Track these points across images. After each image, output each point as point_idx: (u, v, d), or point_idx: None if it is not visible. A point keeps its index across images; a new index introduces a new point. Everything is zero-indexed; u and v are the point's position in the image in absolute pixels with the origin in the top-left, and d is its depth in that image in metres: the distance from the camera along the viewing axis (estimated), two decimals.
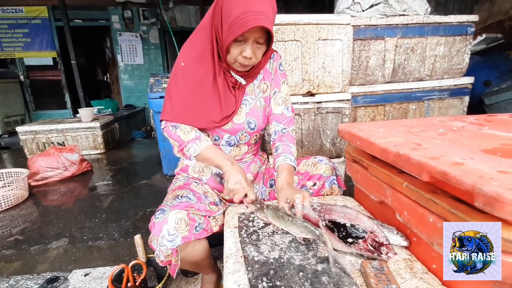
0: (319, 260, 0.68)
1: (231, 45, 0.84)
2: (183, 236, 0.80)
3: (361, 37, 1.67)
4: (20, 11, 5.29)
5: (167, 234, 0.78)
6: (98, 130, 3.49)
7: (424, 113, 1.90)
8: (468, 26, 1.82)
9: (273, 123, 1.05)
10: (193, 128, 0.94)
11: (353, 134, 0.90)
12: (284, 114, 1.04)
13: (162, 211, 0.81)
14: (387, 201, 0.79)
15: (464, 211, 0.54)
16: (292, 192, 0.82)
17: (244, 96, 1.01)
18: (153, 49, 5.90)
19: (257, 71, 1.00)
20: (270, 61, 1.04)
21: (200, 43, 0.92)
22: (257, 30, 0.81)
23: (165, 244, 0.78)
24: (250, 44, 0.84)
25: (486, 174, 0.49)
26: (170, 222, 0.79)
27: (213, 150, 0.92)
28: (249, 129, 1.02)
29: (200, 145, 0.90)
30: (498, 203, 0.43)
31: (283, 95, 1.05)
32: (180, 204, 0.84)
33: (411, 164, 0.62)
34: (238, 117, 1.00)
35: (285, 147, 0.99)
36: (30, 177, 2.49)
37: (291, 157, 0.97)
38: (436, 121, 1.02)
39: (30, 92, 5.80)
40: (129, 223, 1.80)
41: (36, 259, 1.48)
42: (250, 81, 1.01)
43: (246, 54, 0.84)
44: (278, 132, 1.04)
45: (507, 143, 0.70)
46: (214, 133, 1.01)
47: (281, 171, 0.93)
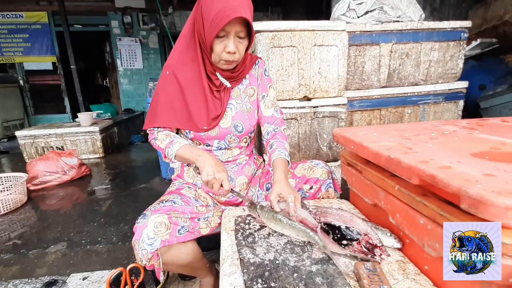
0: (314, 261, 0.69)
1: (214, 42, 0.88)
2: (163, 239, 0.82)
3: (356, 42, 1.70)
4: (20, 16, 5.34)
5: (146, 238, 0.80)
6: (97, 134, 3.50)
7: (419, 117, 1.92)
8: (462, 32, 1.85)
9: (265, 124, 1.11)
10: (168, 135, 0.97)
11: (347, 138, 0.92)
12: (274, 115, 1.11)
13: (143, 216, 0.84)
14: (380, 203, 0.80)
15: (452, 213, 0.55)
16: (287, 190, 0.86)
17: (230, 100, 1.04)
18: (152, 54, 5.95)
19: (242, 75, 1.04)
20: (255, 67, 1.09)
21: (184, 50, 0.98)
22: (237, 23, 0.85)
23: (145, 248, 0.80)
24: (232, 38, 0.87)
25: (472, 177, 0.51)
26: (150, 226, 0.81)
27: (186, 149, 0.93)
28: (236, 132, 1.05)
29: (174, 148, 0.93)
30: (482, 205, 0.45)
31: (271, 98, 1.11)
32: (162, 208, 0.86)
33: (402, 167, 0.64)
34: (224, 121, 1.03)
35: (279, 143, 1.04)
36: (29, 181, 2.49)
37: (285, 152, 1.02)
38: (429, 125, 1.04)
39: (29, 96, 5.82)
40: (128, 227, 1.81)
41: (34, 263, 1.49)
42: (235, 84, 1.04)
43: (230, 49, 0.88)
44: (271, 132, 1.10)
45: (496, 147, 0.72)
46: (204, 141, 1.04)
47: (279, 164, 0.97)
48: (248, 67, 1.05)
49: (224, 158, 1.07)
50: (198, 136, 1.03)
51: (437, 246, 0.59)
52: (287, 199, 0.83)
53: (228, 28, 0.85)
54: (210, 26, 0.84)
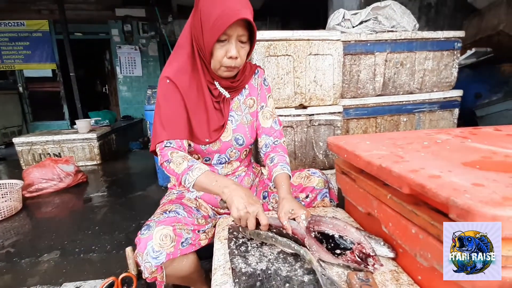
0: (306, 271, 0.69)
1: (215, 47, 0.84)
2: (168, 252, 0.78)
3: (351, 52, 1.73)
4: (22, 24, 5.40)
5: (151, 251, 0.77)
6: (95, 141, 3.50)
7: (415, 125, 1.94)
8: (455, 42, 1.88)
9: (263, 136, 1.06)
10: (185, 158, 0.86)
11: (340, 146, 0.92)
12: (273, 127, 1.06)
13: (147, 227, 0.80)
14: (373, 212, 0.80)
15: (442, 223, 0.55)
16: (298, 206, 0.83)
17: (230, 112, 1.01)
18: (152, 61, 6.01)
19: (242, 85, 1.01)
20: (255, 76, 1.06)
21: (182, 58, 0.92)
22: (240, 27, 0.82)
23: (149, 261, 0.77)
24: (234, 42, 0.84)
25: (461, 186, 0.51)
26: (155, 238, 0.77)
27: (207, 178, 0.83)
28: (237, 145, 1.02)
29: (193, 175, 0.82)
30: (469, 215, 0.45)
31: (270, 109, 1.07)
32: (167, 220, 0.83)
33: (393, 176, 0.64)
34: (225, 135, 0.99)
35: (281, 157, 1.00)
36: (25, 188, 2.48)
37: (288, 167, 0.98)
38: (422, 134, 1.05)
39: (28, 103, 5.83)
40: (122, 235, 1.79)
41: (27, 272, 1.47)
42: (234, 95, 1.00)
43: (232, 54, 0.84)
44: (271, 145, 1.06)
45: (487, 156, 0.72)
46: (204, 155, 1.00)
47: (283, 180, 0.93)
48: (248, 77, 1.02)
49: (224, 172, 1.05)
50: (199, 150, 0.98)
51: (429, 256, 0.58)
52: (300, 216, 0.80)
53: (230, 32, 0.82)
54: (211, 29, 0.81)
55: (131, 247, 1.19)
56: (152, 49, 5.95)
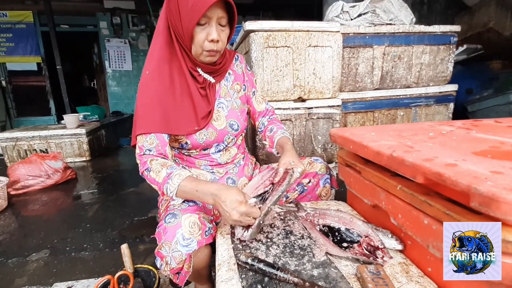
0: (315, 265, 0.66)
1: (195, 31, 0.82)
2: (198, 240, 0.75)
3: (350, 44, 1.71)
4: (4, 15, 5.15)
5: (181, 239, 0.73)
6: (84, 137, 3.38)
7: (411, 119, 1.94)
8: (451, 36, 1.89)
9: (260, 118, 1.14)
10: (164, 165, 0.82)
11: (346, 138, 0.90)
12: (267, 108, 1.16)
13: (173, 215, 0.77)
14: (381, 204, 0.78)
15: (459, 213, 0.54)
16: (298, 161, 0.89)
17: (219, 99, 0.99)
18: (142, 56, 5.85)
19: (225, 69, 0.99)
20: (236, 62, 1.07)
21: (162, 46, 0.89)
22: (219, 8, 0.80)
23: (179, 250, 0.73)
24: (214, 25, 0.82)
25: (481, 174, 0.50)
26: (184, 226, 0.74)
27: (188, 187, 0.78)
28: (233, 131, 1.01)
29: (173, 184, 0.78)
30: (494, 202, 0.43)
31: (260, 93, 1.16)
32: (190, 208, 0.81)
33: (405, 166, 0.62)
34: (219, 122, 0.98)
35: (279, 126, 1.09)
36: (10, 185, 2.37)
37: (287, 133, 1.07)
38: (425, 125, 1.04)
39: (12, 98, 5.59)
40: (115, 232, 1.73)
41: (14, 272, 1.39)
42: (219, 79, 0.99)
43: (213, 37, 0.82)
44: (267, 120, 1.15)
45: (496, 146, 0.71)
46: (203, 147, 0.98)
47: (286, 140, 1.02)
48: (229, 60, 1.01)
49: (223, 160, 1.03)
50: (197, 145, 0.96)
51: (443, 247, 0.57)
52: (295, 169, 0.86)
53: (210, 13, 0.80)
54: (190, 12, 0.78)
55: (127, 244, 1.15)
56: (142, 43, 5.79)
